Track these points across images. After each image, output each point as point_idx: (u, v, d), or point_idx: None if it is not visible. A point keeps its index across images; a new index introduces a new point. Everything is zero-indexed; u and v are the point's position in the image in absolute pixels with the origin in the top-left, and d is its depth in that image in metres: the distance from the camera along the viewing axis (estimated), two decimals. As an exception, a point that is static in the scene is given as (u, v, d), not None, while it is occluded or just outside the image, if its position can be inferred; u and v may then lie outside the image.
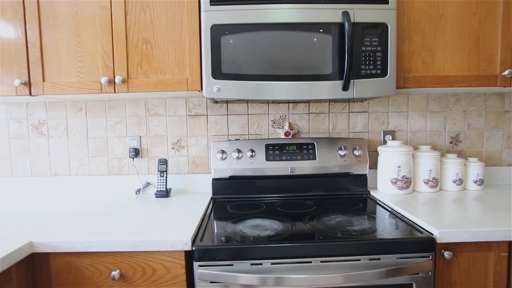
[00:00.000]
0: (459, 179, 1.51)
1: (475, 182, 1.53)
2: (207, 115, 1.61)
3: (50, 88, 1.27)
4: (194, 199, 1.47)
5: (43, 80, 1.27)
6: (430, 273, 1.01)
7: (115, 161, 1.61)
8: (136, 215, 1.25)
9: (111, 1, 1.24)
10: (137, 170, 1.61)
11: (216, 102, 1.58)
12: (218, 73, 1.21)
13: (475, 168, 1.53)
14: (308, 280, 0.95)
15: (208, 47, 1.20)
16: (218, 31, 1.20)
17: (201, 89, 1.28)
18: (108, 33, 1.25)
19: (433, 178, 1.50)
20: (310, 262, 0.99)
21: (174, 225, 1.12)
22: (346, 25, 1.17)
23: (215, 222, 1.20)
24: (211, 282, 0.98)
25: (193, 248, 0.98)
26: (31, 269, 1.03)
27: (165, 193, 1.51)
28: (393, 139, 1.65)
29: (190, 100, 1.61)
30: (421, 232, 1.05)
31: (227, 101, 1.57)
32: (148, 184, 1.60)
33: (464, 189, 1.55)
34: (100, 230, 1.08)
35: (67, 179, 1.60)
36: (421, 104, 1.65)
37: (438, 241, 1.02)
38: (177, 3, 1.25)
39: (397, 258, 1.00)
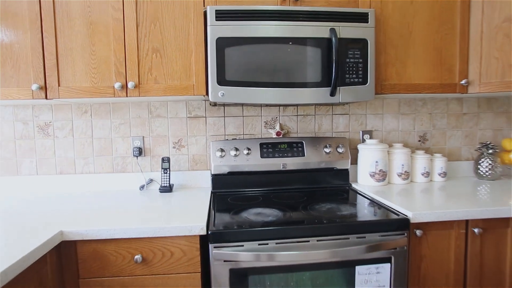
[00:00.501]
0: (427, 172, 1.76)
1: (439, 175, 1.79)
2: (205, 117, 1.76)
3: (65, 92, 1.38)
4: (196, 193, 1.62)
5: (59, 85, 1.37)
6: (405, 247, 1.22)
7: (119, 160, 1.73)
8: (146, 207, 1.38)
9: (123, 14, 1.37)
10: (140, 168, 1.73)
11: (215, 105, 1.74)
12: (222, 80, 1.37)
13: (439, 163, 1.78)
14: (307, 256, 1.13)
15: (214, 57, 1.35)
16: (223, 43, 1.36)
17: (206, 94, 1.43)
18: (121, 43, 1.38)
19: (405, 172, 1.73)
20: (308, 241, 1.17)
21: (184, 215, 1.26)
22: (334, 40, 1.36)
23: (221, 211, 1.36)
24: (224, 261, 1.14)
25: (209, 232, 1.14)
26: (59, 256, 1.14)
27: (168, 188, 1.64)
28: (371, 138, 1.88)
29: (190, 103, 1.75)
30: (398, 215, 1.26)
31: (224, 104, 1.72)
32: (151, 180, 1.73)
33: (431, 180, 1.80)
34: (117, 221, 1.21)
35: (72, 177, 1.70)
36: (394, 107, 1.88)
37: (412, 221, 1.23)
38: (184, 17, 1.40)
39: (378, 236, 1.21)
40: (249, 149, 1.68)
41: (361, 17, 1.42)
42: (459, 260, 1.30)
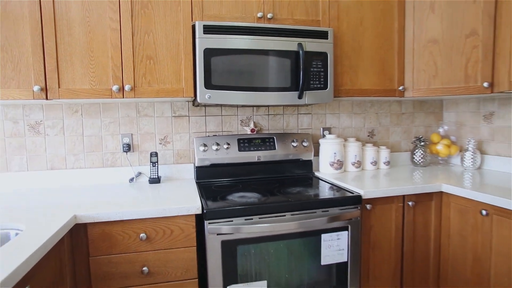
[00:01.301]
0: (374, 161, 2.14)
1: (384, 163, 2.18)
2: (189, 116, 1.98)
3: (65, 93, 1.52)
4: (182, 184, 1.83)
5: (59, 87, 1.52)
6: (358, 218, 1.56)
7: (109, 155, 1.88)
8: (140, 196, 1.57)
9: (120, 25, 1.55)
10: (130, 162, 1.90)
11: (197, 105, 1.96)
12: (209, 84, 1.60)
13: (384, 153, 2.17)
14: (283, 227, 1.42)
15: (202, 65, 1.59)
16: (209, 53, 1.59)
17: (194, 96, 1.66)
18: (118, 50, 1.56)
19: (357, 161, 2.09)
20: (284, 215, 1.45)
21: (178, 200, 1.48)
22: (301, 53, 1.66)
23: (209, 196, 1.59)
24: (217, 234, 1.38)
25: (205, 211, 1.37)
26: (71, 237, 1.31)
27: (157, 180, 1.84)
28: (329, 133, 2.22)
29: (174, 104, 1.96)
30: (352, 193, 1.60)
31: (205, 105, 1.95)
32: (140, 173, 1.90)
33: (378, 168, 2.18)
34: (119, 206, 1.40)
35: (64, 172, 1.82)
36: (348, 108, 2.24)
37: (363, 197, 1.57)
38: (175, 29, 1.61)
39: (338, 210, 1.53)
40: (228, 144, 1.93)
41: (322, 35, 1.73)
42: (398, 226, 1.67)
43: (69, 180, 1.83)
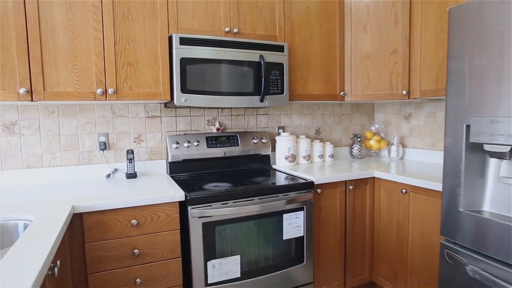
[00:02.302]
0: (321, 154, 2.54)
1: (329, 156, 2.59)
2: (161, 117, 2.17)
3: (50, 96, 1.64)
4: (157, 178, 2.03)
5: (44, 89, 1.63)
6: (311, 200, 1.92)
7: (86, 154, 2.00)
8: (120, 189, 1.75)
9: (103, 34, 1.71)
10: (106, 160, 2.04)
11: (169, 107, 2.16)
12: (184, 89, 1.83)
13: (329, 148, 2.59)
14: (253, 208, 1.72)
15: (178, 72, 1.81)
16: (184, 61, 1.82)
17: (171, 99, 1.87)
18: (101, 57, 1.71)
19: (307, 155, 2.47)
20: (253, 199, 1.75)
21: (159, 191, 1.70)
22: (262, 63, 1.97)
23: (187, 186, 1.83)
24: (199, 217, 1.63)
25: (188, 198, 1.61)
26: (68, 226, 1.45)
27: (134, 175, 2.01)
28: (283, 131, 2.57)
29: (147, 105, 2.14)
30: (306, 180, 1.95)
31: (176, 107, 2.16)
32: (116, 169, 2.05)
33: (324, 160, 2.59)
34: (110, 197, 1.57)
35: (40, 171, 1.90)
36: (298, 110, 2.62)
37: (315, 183, 1.94)
38: (153, 39, 1.81)
39: (295, 194, 1.87)
40: (198, 141, 2.17)
41: (279, 48, 2.06)
42: (342, 206, 2.07)
43: (46, 178, 1.91)
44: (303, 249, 1.92)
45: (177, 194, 1.62)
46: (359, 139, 2.68)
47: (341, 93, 2.35)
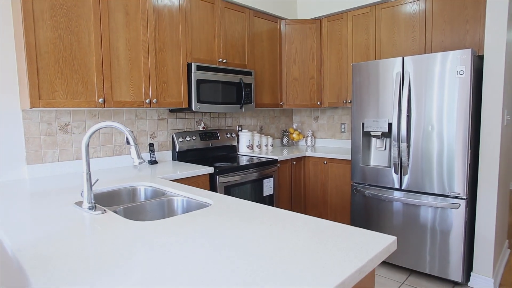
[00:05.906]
0: (266, 144, 3.72)
1: (270, 145, 3.79)
2: (167, 119, 2.94)
3: (116, 104, 2.29)
4: (171, 163, 2.81)
5: (112, 99, 2.27)
6: (276, 171, 3.07)
7: (118, 147, 2.62)
8: (158, 170, 2.52)
9: (149, 59, 2.44)
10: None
11: (172, 111, 2.95)
12: (199, 100, 2.71)
13: (270, 140, 3.79)
14: (248, 176, 2.76)
15: (195, 88, 2.68)
16: (199, 81, 2.71)
17: (188, 107, 2.71)
18: (147, 77, 2.44)
19: (259, 144, 3.61)
20: (249, 170, 2.79)
21: (187, 168, 2.56)
22: (241, 83, 3.01)
23: (204, 165, 2.71)
24: (222, 182, 2.57)
25: (216, 170, 2.53)
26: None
27: (155, 162, 2.75)
28: (243, 129, 3.63)
29: (158, 110, 2.87)
30: (272, 159, 3.09)
31: (176, 111, 2.96)
32: (140, 158, 2.73)
33: (267, 148, 3.78)
34: (169, 173, 2.37)
35: (86, 161, 2.44)
36: (249, 113, 3.72)
37: (278, 160, 3.10)
38: (177, 65, 2.63)
39: (270, 166, 2.99)
40: (194, 136, 3.03)
41: (250, 73, 3.14)
42: (289, 175, 3.30)
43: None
44: (272, 201, 3.05)
45: (209, 168, 2.52)
46: (286, 134, 3.98)
47: (281, 103, 3.58)
